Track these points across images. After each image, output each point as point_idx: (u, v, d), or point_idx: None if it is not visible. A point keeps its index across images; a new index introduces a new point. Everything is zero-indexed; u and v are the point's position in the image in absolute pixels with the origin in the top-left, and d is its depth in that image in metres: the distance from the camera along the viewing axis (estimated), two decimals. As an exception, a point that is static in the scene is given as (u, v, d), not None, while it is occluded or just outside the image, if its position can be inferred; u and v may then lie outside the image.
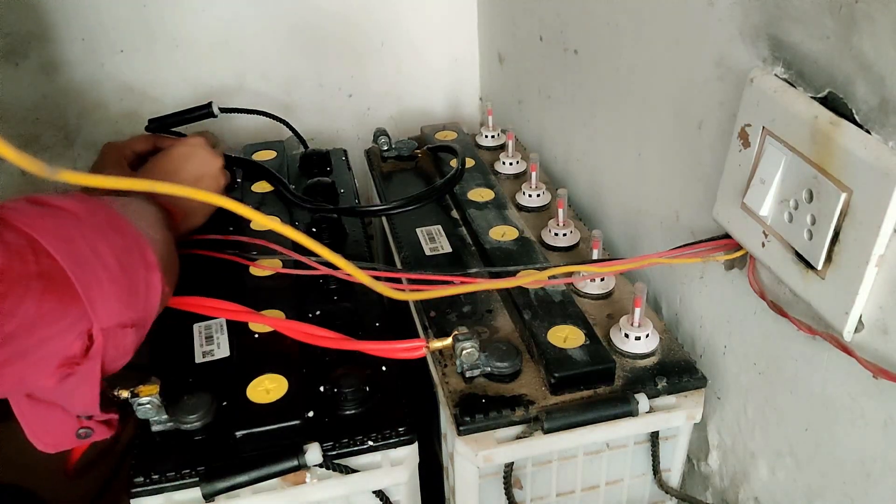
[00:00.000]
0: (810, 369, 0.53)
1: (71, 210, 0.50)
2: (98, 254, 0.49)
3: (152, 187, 0.41)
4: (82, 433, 0.52)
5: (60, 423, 0.51)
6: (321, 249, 0.47)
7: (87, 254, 0.48)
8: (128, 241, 0.52)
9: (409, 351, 0.60)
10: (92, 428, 0.52)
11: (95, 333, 0.48)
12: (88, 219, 0.50)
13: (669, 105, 0.65)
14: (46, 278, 0.45)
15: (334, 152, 1.01)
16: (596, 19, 0.77)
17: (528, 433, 0.58)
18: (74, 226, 0.49)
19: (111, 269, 0.49)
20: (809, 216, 0.47)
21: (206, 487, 0.54)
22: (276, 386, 0.60)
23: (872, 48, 0.41)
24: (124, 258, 0.51)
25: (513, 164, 0.93)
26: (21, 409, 0.51)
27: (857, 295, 0.44)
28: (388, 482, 0.60)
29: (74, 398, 0.51)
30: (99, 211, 0.52)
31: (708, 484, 0.69)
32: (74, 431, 0.52)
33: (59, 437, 0.52)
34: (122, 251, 0.51)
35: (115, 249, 0.50)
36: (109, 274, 0.49)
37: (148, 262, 0.53)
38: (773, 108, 0.49)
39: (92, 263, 0.48)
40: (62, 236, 0.47)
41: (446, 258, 0.76)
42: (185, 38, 1.05)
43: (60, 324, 0.46)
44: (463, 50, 1.20)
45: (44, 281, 0.45)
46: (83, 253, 0.48)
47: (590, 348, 0.61)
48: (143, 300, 0.52)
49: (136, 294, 0.52)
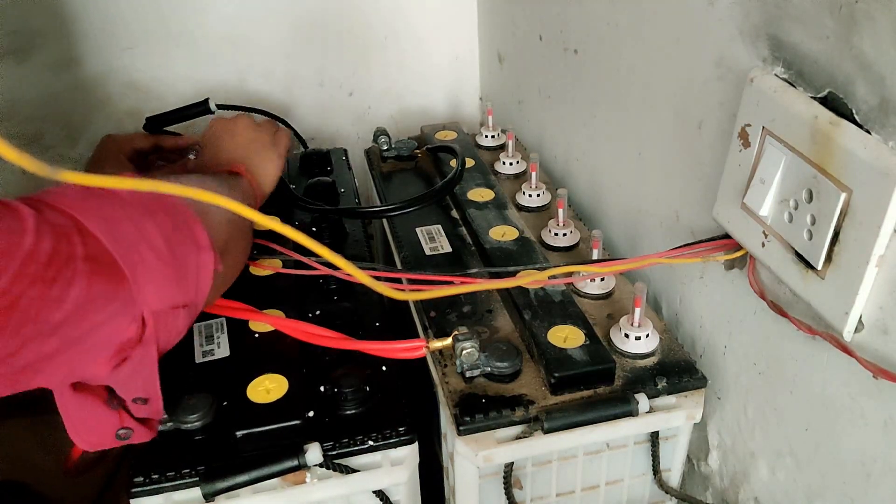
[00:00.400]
0: (810, 369, 0.53)
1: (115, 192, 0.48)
2: (144, 234, 0.47)
3: (155, 187, 0.41)
4: (122, 434, 0.51)
5: (103, 421, 0.50)
6: (321, 249, 0.47)
7: (132, 234, 0.46)
8: (176, 219, 0.50)
9: (409, 351, 0.60)
10: (132, 429, 0.51)
11: (147, 317, 0.46)
12: (133, 198, 0.48)
13: (669, 105, 0.65)
14: (93, 261, 0.43)
15: (334, 152, 1.01)
16: (596, 19, 0.77)
17: (528, 433, 0.58)
18: (118, 206, 0.47)
19: (159, 249, 0.47)
20: (809, 216, 0.47)
21: (207, 487, 0.54)
22: (277, 386, 0.60)
23: (872, 48, 0.41)
24: (173, 238, 0.49)
25: (513, 164, 0.93)
26: (65, 403, 0.49)
27: (857, 295, 0.44)
28: (389, 482, 0.60)
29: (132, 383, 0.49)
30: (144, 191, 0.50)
31: (708, 484, 0.69)
32: (115, 431, 0.51)
33: (100, 436, 0.51)
34: (171, 230, 0.49)
35: (163, 229, 0.48)
36: (157, 254, 0.47)
37: (199, 242, 0.51)
38: (773, 108, 0.49)
39: (138, 244, 0.46)
40: (106, 217, 0.45)
41: (446, 258, 0.76)
42: (189, 36, 1.05)
43: (111, 307, 0.45)
44: (463, 49, 1.20)
45: (91, 263, 0.43)
46: (128, 234, 0.46)
47: (590, 348, 0.61)
48: (193, 281, 0.50)
49: (186, 275, 0.50)
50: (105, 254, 0.44)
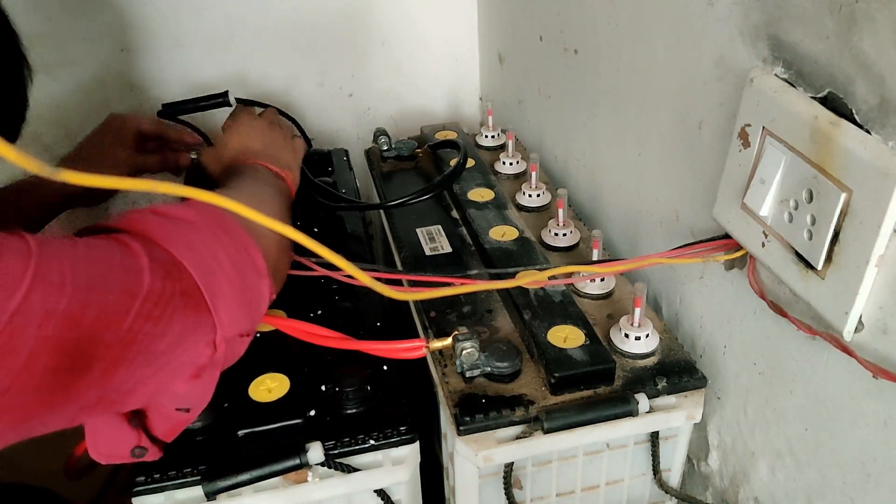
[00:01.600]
0: (810, 369, 0.53)
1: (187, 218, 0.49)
2: (217, 260, 0.48)
3: (154, 188, 0.41)
4: (137, 452, 0.52)
5: (122, 439, 0.51)
6: (322, 250, 0.47)
7: (210, 262, 0.48)
8: (236, 243, 0.51)
9: (410, 351, 0.60)
10: (146, 448, 0.52)
11: (219, 342, 0.48)
12: (202, 223, 0.50)
13: (669, 105, 0.65)
14: (187, 295, 0.45)
15: (335, 152, 1.01)
16: (596, 19, 0.77)
17: (528, 433, 0.58)
18: (192, 230, 0.49)
19: (229, 273, 0.49)
20: (809, 216, 0.47)
21: (208, 486, 0.54)
22: (278, 385, 0.60)
23: (872, 48, 0.41)
24: (239, 263, 0.50)
25: (513, 164, 0.93)
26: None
27: (857, 295, 0.44)
28: (390, 481, 0.60)
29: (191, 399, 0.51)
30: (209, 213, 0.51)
31: (708, 484, 0.69)
32: (131, 449, 0.52)
33: (116, 451, 0.52)
34: (235, 255, 0.50)
35: (229, 253, 0.50)
36: (229, 281, 0.48)
37: (258, 268, 0.52)
38: (773, 108, 0.49)
39: (215, 271, 0.48)
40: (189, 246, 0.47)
41: (446, 258, 0.76)
42: (186, 37, 1.05)
43: (194, 337, 0.47)
44: (463, 50, 1.20)
45: (185, 298, 0.45)
46: (207, 261, 0.48)
47: (590, 348, 0.61)
48: (254, 308, 0.52)
49: (251, 301, 0.51)
50: (193, 285, 0.46)
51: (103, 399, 0.44)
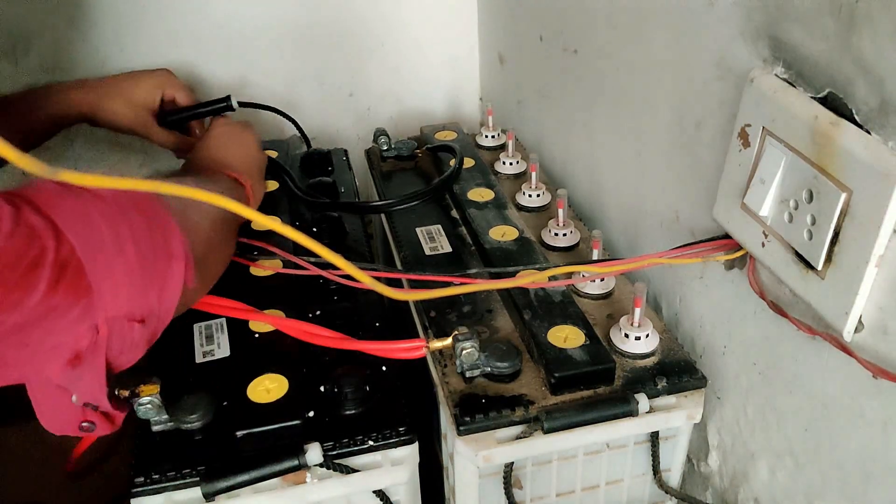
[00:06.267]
0: (810, 369, 0.53)
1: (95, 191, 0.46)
2: (117, 237, 0.45)
3: (156, 188, 0.41)
4: (85, 426, 0.51)
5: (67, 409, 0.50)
6: (321, 250, 0.47)
7: (105, 238, 0.45)
8: (153, 224, 0.48)
9: (409, 351, 0.60)
10: (94, 422, 0.51)
11: (100, 324, 0.45)
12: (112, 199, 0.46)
13: (669, 105, 0.65)
14: (61, 267, 0.42)
15: (335, 152, 1.01)
16: (596, 19, 0.77)
17: (528, 433, 0.58)
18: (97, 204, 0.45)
19: (128, 255, 0.45)
20: (809, 216, 0.47)
21: (207, 487, 0.54)
22: (277, 386, 0.60)
23: (872, 48, 0.41)
24: (144, 244, 0.47)
25: (513, 164, 0.93)
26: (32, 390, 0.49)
27: (857, 295, 0.44)
28: (389, 482, 0.60)
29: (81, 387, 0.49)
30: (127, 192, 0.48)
31: (708, 484, 0.69)
32: (79, 423, 0.50)
33: (65, 423, 0.50)
34: (146, 234, 0.47)
35: (136, 233, 0.46)
36: (125, 260, 0.45)
37: (171, 251, 0.49)
38: (773, 108, 0.49)
39: (108, 249, 0.44)
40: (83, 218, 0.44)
41: (446, 258, 0.76)
42: (185, 36, 1.05)
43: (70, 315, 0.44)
44: (463, 50, 1.20)
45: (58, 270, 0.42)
46: (102, 237, 0.44)
47: (590, 348, 0.61)
48: (156, 293, 0.48)
49: (150, 286, 0.48)
50: (74, 259, 0.43)
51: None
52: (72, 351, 0.45)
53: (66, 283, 0.42)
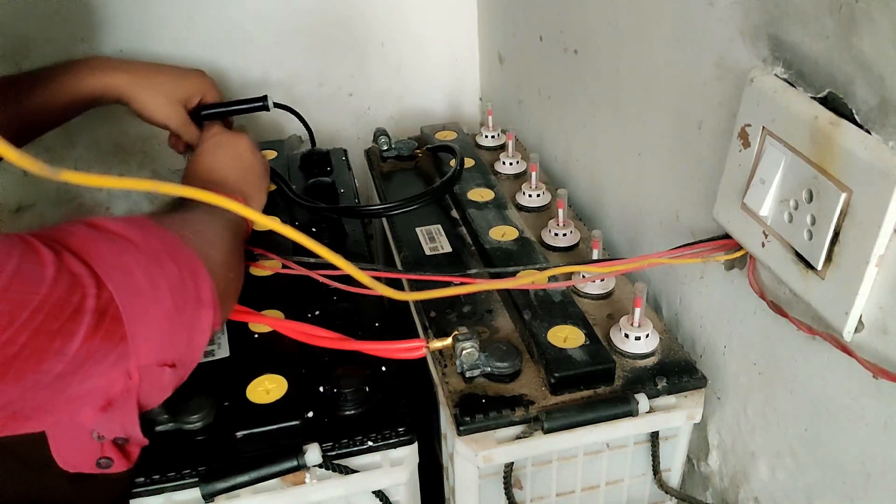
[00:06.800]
0: (810, 369, 0.53)
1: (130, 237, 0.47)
2: (153, 285, 0.46)
3: (154, 187, 0.41)
4: (102, 463, 0.51)
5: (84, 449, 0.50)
6: (321, 250, 0.47)
7: (141, 286, 0.45)
8: (184, 271, 0.49)
9: (409, 351, 0.60)
10: (112, 459, 0.51)
11: (132, 370, 0.46)
12: (144, 245, 0.47)
13: (669, 105, 0.65)
14: (100, 314, 0.43)
15: (334, 152, 1.01)
16: (596, 19, 0.77)
17: (528, 433, 0.58)
18: (132, 252, 0.46)
19: (162, 303, 0.46)
20: (809, 216, 0.47)
21: (206, 488, 0.54)
22: (276, 386, 0.60)
23: (872, 48, 0.41)
24: (177, 292, 0.48)
25: (513, 164, 0.93)
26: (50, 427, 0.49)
27: (857, 295, 0.44)
28: (388, 482, 0.60)
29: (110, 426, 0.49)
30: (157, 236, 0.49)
31: (708, 484, 0.69)
32: (95, 460, 0.51)
33: (81, 462, 0.51)
34: (178, 283, 0.48)
35: (171, 282, 0.47)
36: (160, 308, 0.46)
37: (201, 298, 0.50)
38: (773, 108, 0.49)
39: (145, 297, 0.45)
40: (120, 267, 0.45)
41: (446, 258, 0.76)
42: (185, 39, 1.05)
43: (105, 362, 0.44)
44: (463, 50, 1.20)
45: (97, 317, 0.43)
46: (138, 285, 0.45)
47: (590, 348, 0.61)
48: (186, 339, 0.49)
49: (181, 332, 0.49)
50: (112, 307, 0.43)
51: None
52: (105, 397, 0.46)
53: (104, 330, 0.43)
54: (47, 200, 1.09)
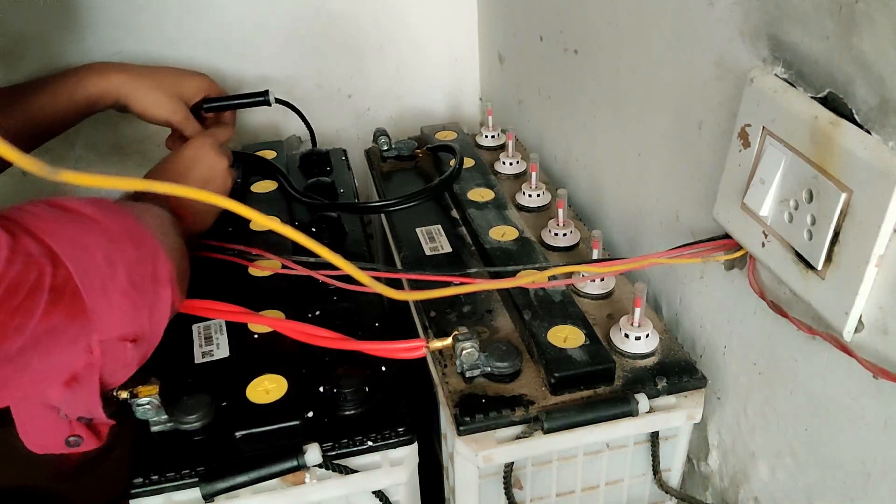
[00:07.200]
0: (810, 369, 0.53)
1: (91, 216, 0.48)
2: (111, 264, 0.47)
3: (151, 187, 0.41)
4: (72, 441, 0.51)
5: (52, 428, 0.51)
6: (321, 250, 0.47)
7: (100, 264, 0.47)
8: (142, 252, 0.51)
9: (409, 351, 0.60)
10: (81, 437, 0.52)
11: (93, 345, 0.47)
12: (107, 225, 0.49)
13: (669, 105, 0.65)
14: (58, 291, 0.44)
15: (334, 152, 1.01)
16: (596, 19, 0.77)
17: (528, 433, 0.58)
18: (92, 232, 0.48)
19: (120, 281, 0.48)
20: (809, 216, 0.47)
21: (206, 488, 0.54)
22: (276, 386, 0.60)
23: (872, 48, 0.41)
24: (136, 271, 0.49)
25: (513, 164, 0.93)
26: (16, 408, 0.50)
27: (857, 295, 0.44)
28: (388, 482, 0.60)
29: (75, 404, 0.50)
30: (118, 218, 0.51)
31: (708, 484, 0.69)
32: (65, 438, 0.51)
33: (49, 441, 0.51)
34: (136, 263, 0.50)
35: (129, 260, 0.49)
36: (118, 286, 0.47)
37: (159, 277, 0.52)
38: (773, 108, 0.49)
39: (103, 274, 0.47)
40: (79, 244, 0.46)
41: (446, 258, 0.76)
42: (183, 39, 1.05)
43: (66, 337, 0.45)
44: (463, 50, 1.20)
45: (55, 294, 0.44)
46: (97, 263, 0.46)
47: (590, 348, 0.61)
48: (147, 315, 0.51)
49: (142, 309, 0.50)
50: (71, 284, 0.45)
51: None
52: (69, 372, 0.47)
53: (63, 305, 0.44)
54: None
